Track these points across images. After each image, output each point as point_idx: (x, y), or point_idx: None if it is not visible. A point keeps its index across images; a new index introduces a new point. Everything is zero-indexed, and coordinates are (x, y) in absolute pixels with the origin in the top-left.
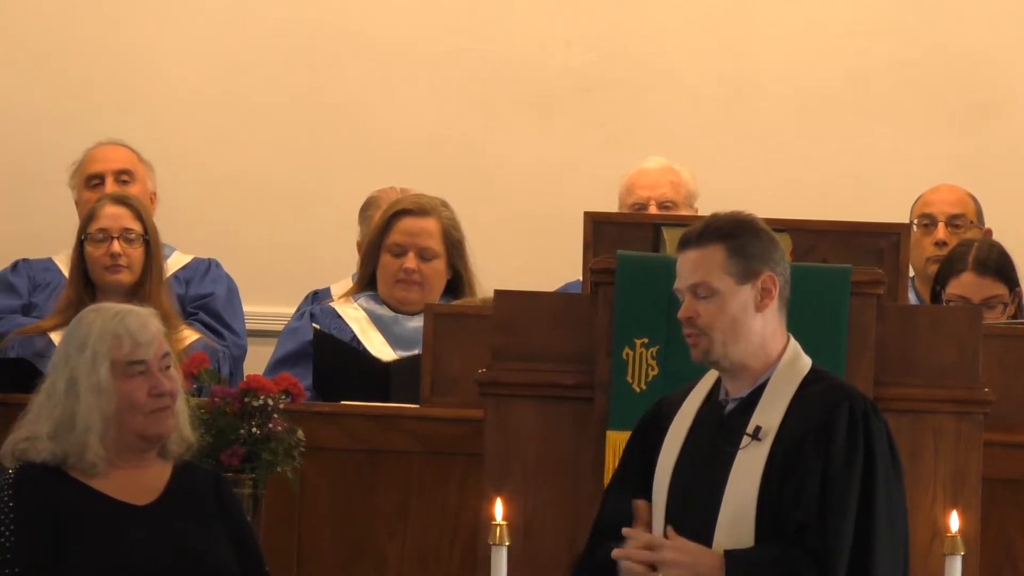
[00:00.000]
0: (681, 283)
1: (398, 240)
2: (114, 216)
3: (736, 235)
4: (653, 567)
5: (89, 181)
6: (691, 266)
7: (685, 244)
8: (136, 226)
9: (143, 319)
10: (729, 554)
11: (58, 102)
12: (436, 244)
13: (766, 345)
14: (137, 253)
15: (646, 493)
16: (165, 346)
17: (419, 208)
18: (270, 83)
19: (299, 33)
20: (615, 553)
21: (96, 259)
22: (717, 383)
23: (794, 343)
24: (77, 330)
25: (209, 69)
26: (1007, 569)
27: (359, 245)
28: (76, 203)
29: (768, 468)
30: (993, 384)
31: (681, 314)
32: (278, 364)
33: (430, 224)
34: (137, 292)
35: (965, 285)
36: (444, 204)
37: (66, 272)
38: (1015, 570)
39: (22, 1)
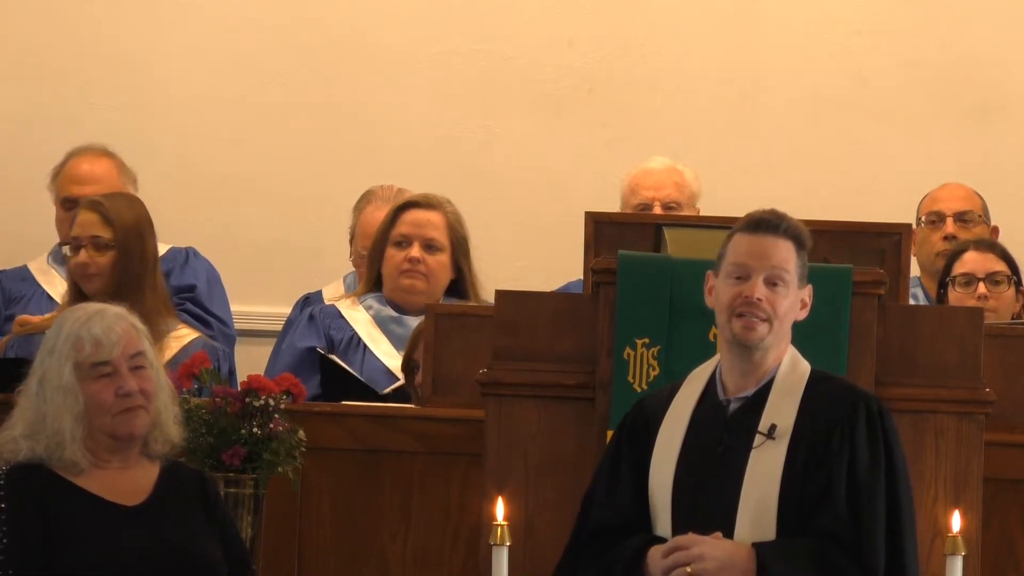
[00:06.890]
0: (758, 263)
1: (403, 231)
2: (84, 223)
3: (803, 241)
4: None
5: (64, 204)
6: (773, 251)
7: (764, 227)
8: (105, 233)
9: (109, 320)
10: (758, 546)
11: (55, 103)
12: (441, 237)
13: (779, 348)
14: (106, 259)
15: (640, 497)
16: (138, 345)
17: (425, 201)
18: (272, 83)
19: (300, 33)
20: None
21: (71, 267)
22: (709, 384)
23: (791, 346)
24: (52, 332)
25: (214, 70)
26: (1009, 569)
27: (350, 235)
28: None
29: (789, 465)
30: (994, 384)
31: (749, 293)
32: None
33: (436, 217)
34: (116, 295)
35: (968, 263)
36: (449, 202)
37: (41, 281)
38: (1017, 570)
39: (21, 1)
